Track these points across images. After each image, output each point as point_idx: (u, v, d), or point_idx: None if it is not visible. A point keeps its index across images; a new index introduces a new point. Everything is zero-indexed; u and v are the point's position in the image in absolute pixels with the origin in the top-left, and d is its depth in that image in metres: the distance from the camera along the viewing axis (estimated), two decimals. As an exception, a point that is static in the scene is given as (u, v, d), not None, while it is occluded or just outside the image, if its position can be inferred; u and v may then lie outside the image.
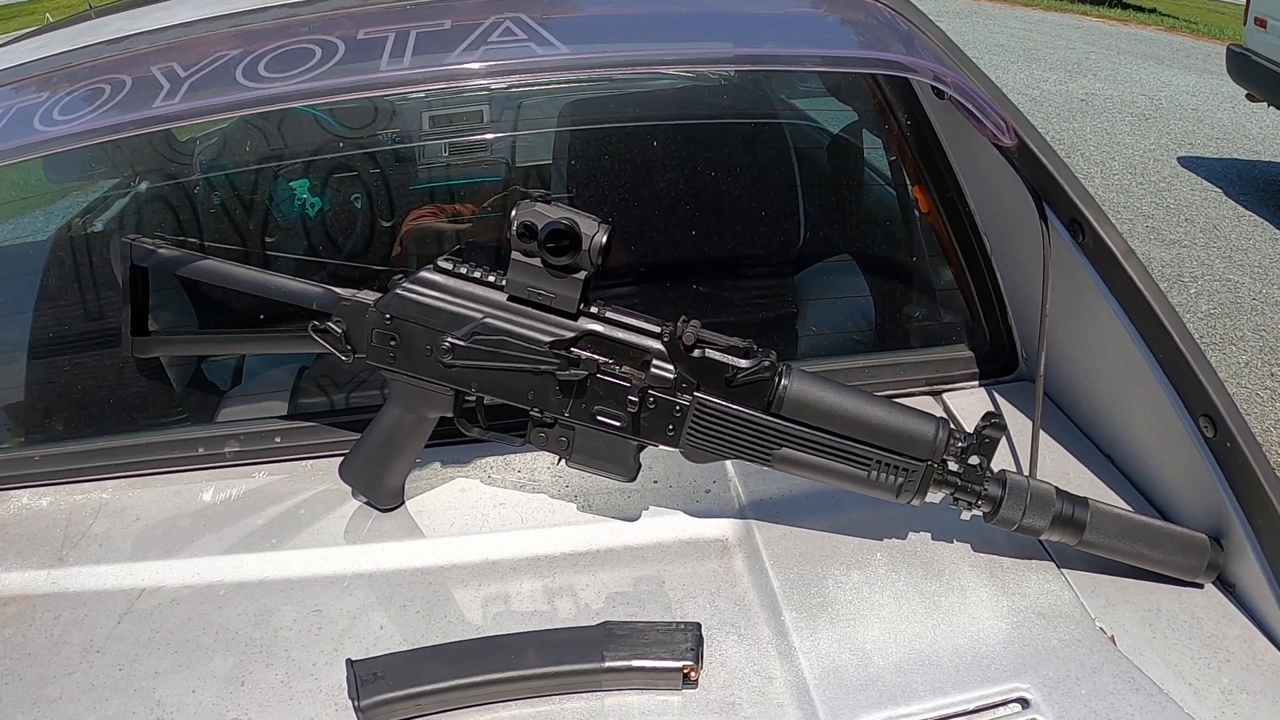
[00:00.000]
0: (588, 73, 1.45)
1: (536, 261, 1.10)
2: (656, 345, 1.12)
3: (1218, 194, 6.25)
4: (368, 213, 1.86)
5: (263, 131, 1.97)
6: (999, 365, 1.53)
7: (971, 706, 0.98)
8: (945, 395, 1.49)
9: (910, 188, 1.66)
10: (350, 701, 0.97)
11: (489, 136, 2.07)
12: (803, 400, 1.09)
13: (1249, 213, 5.92)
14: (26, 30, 1.92)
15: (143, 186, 1.99)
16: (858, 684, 1.00)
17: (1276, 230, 5.63)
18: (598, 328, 1.13)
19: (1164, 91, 8.88)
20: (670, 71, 2.10)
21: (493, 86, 2.08)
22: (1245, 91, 6.19)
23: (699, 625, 1.03)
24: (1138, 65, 9.99)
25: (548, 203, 1.08)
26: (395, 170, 1.96)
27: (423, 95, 2.04)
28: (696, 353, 1.11)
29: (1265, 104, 6.01)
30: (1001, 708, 0.98)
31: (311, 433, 1.39)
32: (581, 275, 1.10)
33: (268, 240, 1.83)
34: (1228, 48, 6.36)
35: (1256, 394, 3.99)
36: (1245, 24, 6.17)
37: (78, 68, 1.32)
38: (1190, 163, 6.87)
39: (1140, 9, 13.80)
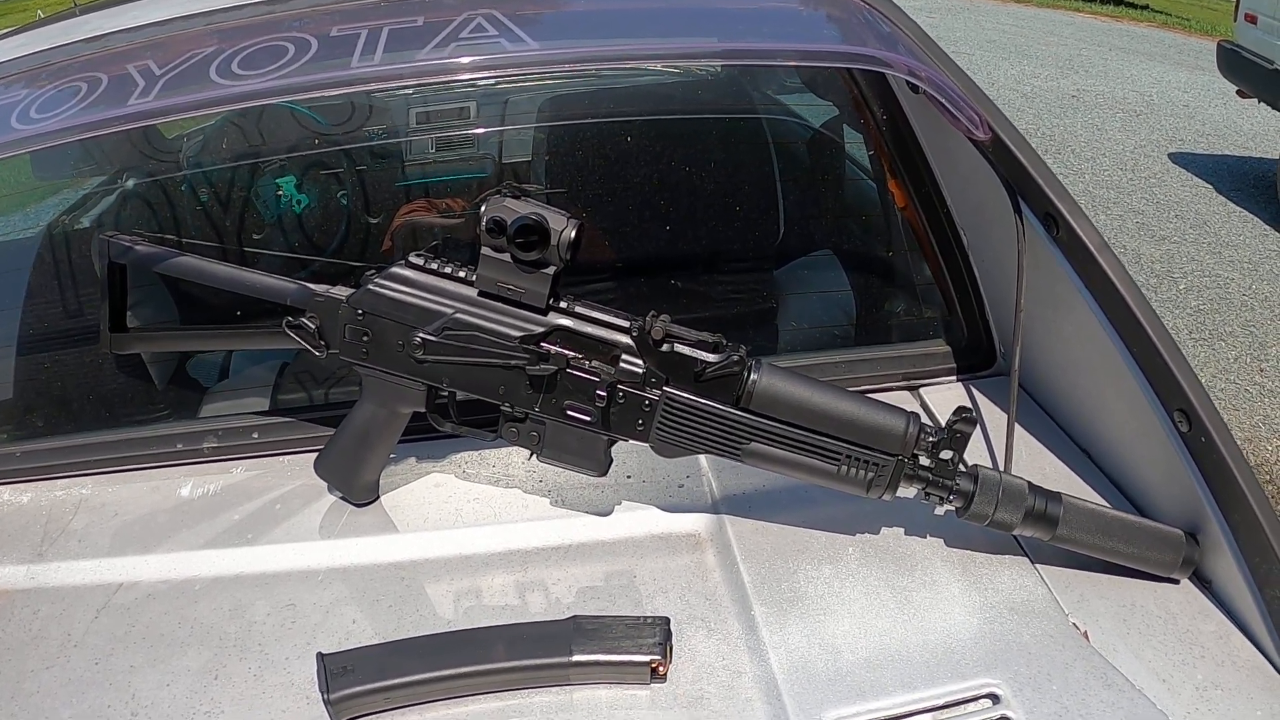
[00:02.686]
0: (560, 68, 1.45)
1: (506, 257, 1.10)
2: (625, 340, 1.12)
3: (1208, 190, 6.26)
4: (354, 208, 1.87)
5: (249, 129, 1.97)
6: (977, 360, 1.53)
7: (941, 702, 0.98)
8: (923, 390, 1.49)
9: (887, 182, 1.66)
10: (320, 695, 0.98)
11: (476, 131, 2.07)
12: (772, 395, 1.09)
13: (1239, 209, 5.93)
14: (11, 28, 1.92)
15: (130, 184, 1.99)
16: (827, 679, 1.00)
17: (1266, 226, 5.64)
18: (567, 322, 1.13)
19: (1155, 88, 8.88)
20: (647, 66, 2.10)
21: (477, 81, 2.07)
22: (1236, 88, 6.20)
23: (668, 620, 1.03)
24: (1129, 62, 9.99)
25: (518, 198, 1.09)
26: (382, 166, 1.96)
27: (410, 91, 2.04)
28: (665, 347, 1.11)
29: (1256, 100, 6.01)
30: (972, 703, 0.98)
31: (288, 428, 1.40)
32: (551, 270, 1.10)
33: (255, 237, 1.83)
34: (1218, 44, 6.37)
35: (1245, 390, 4.00)
36: (1236, 20, 6.17)
37: (56, 65, 1.32)
38: (1181, 159, 6.88)
39: (1133, 5, 13.77)
